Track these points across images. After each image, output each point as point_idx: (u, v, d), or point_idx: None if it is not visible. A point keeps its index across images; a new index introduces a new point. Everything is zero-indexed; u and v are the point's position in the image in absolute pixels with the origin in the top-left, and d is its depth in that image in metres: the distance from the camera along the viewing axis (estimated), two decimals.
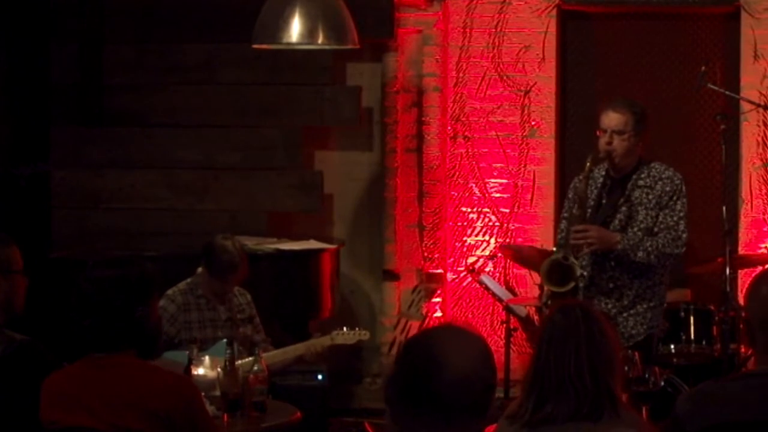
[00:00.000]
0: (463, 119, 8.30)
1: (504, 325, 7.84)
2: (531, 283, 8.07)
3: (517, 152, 8.26)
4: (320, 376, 6.71)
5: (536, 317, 7.88)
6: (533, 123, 8.24)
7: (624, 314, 5.97)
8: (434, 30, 8.30)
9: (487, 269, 8.22)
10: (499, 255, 8.13)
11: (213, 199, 8.28)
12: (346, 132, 8.45)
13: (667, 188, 5.93)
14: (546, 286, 6.04)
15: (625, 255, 5.86)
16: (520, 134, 8.25)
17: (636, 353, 5.69)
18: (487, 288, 8.09)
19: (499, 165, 8.29)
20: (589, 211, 5.95)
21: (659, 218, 5.92)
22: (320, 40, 6.61)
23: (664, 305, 6.15)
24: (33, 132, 8.35)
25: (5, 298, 4.37)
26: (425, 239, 8.36)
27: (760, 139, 8.04)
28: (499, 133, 8.28)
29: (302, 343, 6.40)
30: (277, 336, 6.82)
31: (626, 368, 5.60)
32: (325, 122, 8.33)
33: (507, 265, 8.25)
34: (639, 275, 5.95)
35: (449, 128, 8.32)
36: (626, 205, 5.96)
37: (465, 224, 8.32)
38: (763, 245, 7.97)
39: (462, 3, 8.26)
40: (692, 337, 7.06)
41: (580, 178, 6.00)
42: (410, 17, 8.31)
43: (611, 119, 5.94)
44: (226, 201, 8.27)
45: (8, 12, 8.11)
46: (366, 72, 8.42)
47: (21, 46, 8.26)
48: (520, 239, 8.23)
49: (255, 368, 5.28)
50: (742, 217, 8.04)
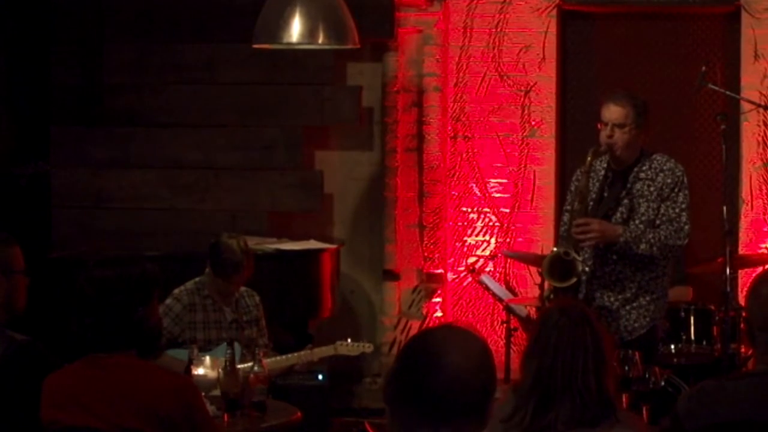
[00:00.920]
0: (464, 119, 8.30)
1: (504, 325, 7.84)
2: (531, 283, 8.07)
3: (518, 152, 8.26)
4: (320, 376, 6.70)
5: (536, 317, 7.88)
6: (533, 123, 8.24)
7: (626, 307, 5.94)
8: (434, 30, 8.30)
9: (488, 269, 8.22)
10: (500, 255, 8.15)
11: (213, 199, 8.28)
12: (347, 132, 8.45)
13: (669, 180, 5.91)
14: (548, 281, 6.03)
15: (628, 247, 5.83)
16: (521, 134, 8.25)
17: (636, 353, 5.69)
18: (488, 288, 8.08)
19: (500, 165, 8.29)
20: (591, 204, 5.94)
21: (661, 210, 5.89)
22: (320, 40, 6.60)
23: (668, 297, 6.13)
24: (33, 132, 8.35)
25: (6, 298, 4.37)
26: (425, 239, 8.36)
27: (761, 139, 8.04)
28: (500, 133, 8.27)
29: (305, 352, 6.34)
30: (278, 336, 6.81)
31: (626, 368, 5.61)
32: (326, 122, 8.32)
33: (507, 265, 8.25)
34: (641, 268, 5.92)
35: (449, 128, 8.32)
36: (628, 198, 5.94)
37: (465, 224, 8.32)
38: (764, 245, 7.97)
39: (462, 3, 8.26)
40: (692, 337, 7.06)
41: (582, 172, 5.99)
42: (410, 17, 8.30)
43: (612, 112, 5.92)
44: (226, 201, 8.27)
45: (9, 12, 8.11)
46: (366, 72, 8.42)
47: (21, 46, 8.26)
48: (521, 239, 8.23)
49: (255, 368, 5.27)
50: (743, 217, 8.03)
